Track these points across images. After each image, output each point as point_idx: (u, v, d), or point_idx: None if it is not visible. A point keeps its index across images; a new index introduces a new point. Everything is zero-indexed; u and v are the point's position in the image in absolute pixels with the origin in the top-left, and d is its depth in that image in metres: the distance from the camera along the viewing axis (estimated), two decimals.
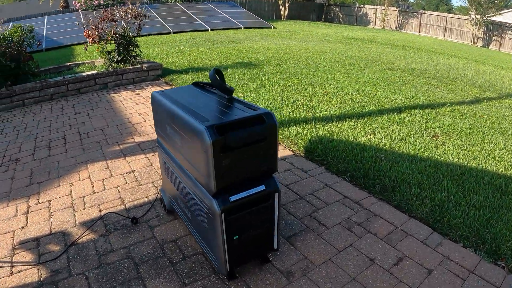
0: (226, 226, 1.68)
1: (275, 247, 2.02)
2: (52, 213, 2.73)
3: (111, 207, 2.76)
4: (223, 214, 1.65)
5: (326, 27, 21.77)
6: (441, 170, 3.22)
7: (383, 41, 15.58)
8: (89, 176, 3.29)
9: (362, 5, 29.30)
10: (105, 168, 3.43)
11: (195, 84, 2.26)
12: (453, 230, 2.42)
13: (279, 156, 3.58)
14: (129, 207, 2.76)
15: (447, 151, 3.68)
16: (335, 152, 3.50)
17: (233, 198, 1.67)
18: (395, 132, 4.09)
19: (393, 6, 27.53)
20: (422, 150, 3.66)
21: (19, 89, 5.73)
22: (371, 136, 3.95)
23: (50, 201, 2.91)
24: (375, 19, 27.68)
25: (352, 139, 3.83)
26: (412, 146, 3.72)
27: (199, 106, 1.79)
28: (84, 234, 2.46)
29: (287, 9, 26.53)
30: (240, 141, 1.60)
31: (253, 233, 1.84)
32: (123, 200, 2.85)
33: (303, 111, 4.74)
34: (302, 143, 3.75)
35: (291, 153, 3.68)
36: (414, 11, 26.41)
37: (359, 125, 4.28)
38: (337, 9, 29.92)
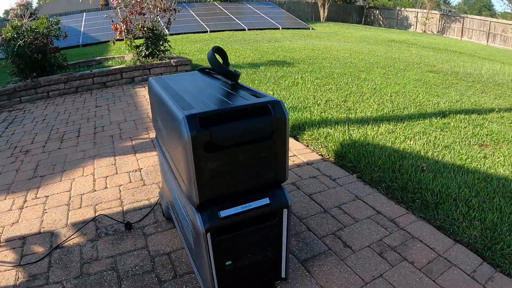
0: (214, 249, 1.28)
1: (283, 275, 1.59)
2: (46, 210, 2.50)
3: (107, 208, 2.47)
4: (209, 234, 1.24)
5: (366, 30, 20.97)
6: (491, 185, 2.70)
7: (424, 44, 14.69)
8: (93, 172, 3.03)
9: (403, 8, 28.21)
10: (112, 164, 3.16)
11: (201, 70, 1.91)
12: (506, 261, 1.94)
13: (304, 160, 3.18)
14: (127, 209, 2.45)
15: (498, 162, 3.13)
16: (369, 159, 3.05)
17: (224, 213, 1.26)
18: (439, 139, 3.58)
19: (434, 10, 26.24)
20: (470, 160, 3.13)
21: (44, 81, 5.65)
22: (411, 142, 3.46)
23: (48, 196, 2.69)
24: (416, 23, 26.50)
25: (390, 145, 3.36)
26: (458, 155, 3.21)
27: (193, 92, 1.41)
28: (72, 236, 2.18)
29: (326, 11, 25.91)
30: (232, 138, 1.19)
31: (252, 258, 1.42)
32: (122, 201, 2.55)
33: (336, 112, 4.31)
34: (333, 146, 3.33)
35: (319, 157, 3.26)
36: (457, 15, 24.99)
37: (398, 129, 3.79)
38: (377, 12, 28.96)
